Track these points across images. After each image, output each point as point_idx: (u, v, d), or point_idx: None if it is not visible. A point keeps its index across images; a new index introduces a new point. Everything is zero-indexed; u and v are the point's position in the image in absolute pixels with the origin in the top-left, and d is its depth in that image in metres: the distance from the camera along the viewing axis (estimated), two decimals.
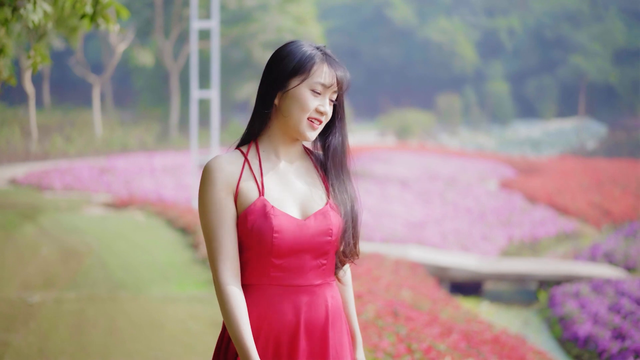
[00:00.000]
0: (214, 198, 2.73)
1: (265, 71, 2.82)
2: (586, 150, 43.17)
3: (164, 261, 11.00)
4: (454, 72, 59.71)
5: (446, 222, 18.20)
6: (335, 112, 2.87)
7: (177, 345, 6.70)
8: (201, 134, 26.58)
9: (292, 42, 2.84)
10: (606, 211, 20.89)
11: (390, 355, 5.22)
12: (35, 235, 12.47)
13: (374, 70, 62.80)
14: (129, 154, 28.67)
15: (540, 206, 21.04)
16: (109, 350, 6.75)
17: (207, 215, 2.73)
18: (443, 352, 5.58)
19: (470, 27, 62.04)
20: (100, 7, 5.30)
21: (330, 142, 2.89)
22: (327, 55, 2.82)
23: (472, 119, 55.08)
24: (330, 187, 2.84)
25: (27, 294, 8.67)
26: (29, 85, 26.56)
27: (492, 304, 12.25)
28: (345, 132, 2.91)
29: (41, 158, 25.85)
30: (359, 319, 6.27)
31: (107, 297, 8.83)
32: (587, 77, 56.55)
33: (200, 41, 29.35)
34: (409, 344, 5.63)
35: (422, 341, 5.79)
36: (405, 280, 10.13)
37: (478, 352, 6.18)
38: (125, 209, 15.99)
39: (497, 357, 6.28)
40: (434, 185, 23.53)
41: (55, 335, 7.19)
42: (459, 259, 13.25)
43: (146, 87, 40.48)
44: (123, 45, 34.81)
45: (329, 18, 59.80)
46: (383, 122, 47.21)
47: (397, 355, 5.24)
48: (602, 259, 14.54)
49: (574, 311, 10.40)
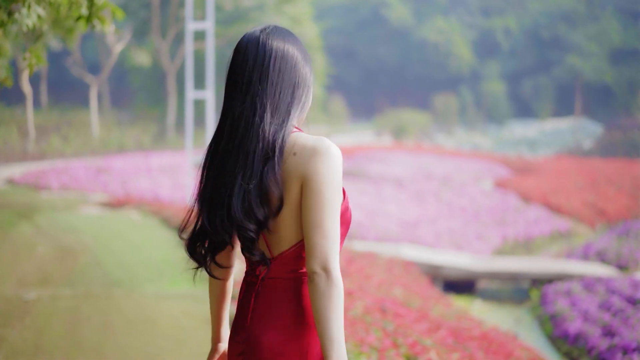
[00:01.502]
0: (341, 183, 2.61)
1: (298, 61, 2.70)
2: (582, 150, 43.26)
3: (159, 259, 11.10)
4: (450, 72, 59.80)
5: (440, 222, 18.30)
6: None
7: (170, 341, 6.81)
8: (197, 134, 26.69)
9: (292, 34, 2.79)
10: (600, 210, 21.02)
11: (376, 349, 5.33)
12: (32, 234, 12.59)
13: (370, 70, 62.89)
14: (125, 154, 28.77)
15: (535, 206, 21.15)
16: (102, 346, 6.86)
17: (337, 199, 2.56)
18: (428, 347, 5.69)
19: (467, 27, 62.14)
20: (95, 9, 5.36)
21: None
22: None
23: (468, 119, 55.18)
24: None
25: (23, 291, 8.77)
26: (26, 85, 26.64)
27: (485, 302, 12.36)
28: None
29: (38, 158, 25.95)
30: (347, 315, 6.38)
31: (101, 294, 8.94)
32: (583, 77, 56.65)
33: (197, 42, 29.46)
34: (395, 338, 5.74)
35: (409, 336, 5.90)
36: (397, 279, 10.24)
37: (464, 348, 6.28)
38: (122, 208, 16.09)
39: (483, 352, 6.38)
40: (429, 185, 23.64)
41: (51, 331, 7.29)
42: (452, 258, 13.35)
43: (143, 88, 40.55)
44: (120, 46, 34.90)
45: (326, 18, 59.85)
46: (379, 122, 47.28)
47: (383, 349, 5.35)
48: (594, 258, 14.65)
49: (565, 309, 10.51)
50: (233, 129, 2.65)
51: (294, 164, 2.57)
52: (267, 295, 2.67)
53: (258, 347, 2.64)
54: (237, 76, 2.69)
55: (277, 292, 2.66)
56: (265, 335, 2.63)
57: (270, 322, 2.64)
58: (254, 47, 2.68)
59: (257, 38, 2.70)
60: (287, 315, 2.63)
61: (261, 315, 2.66)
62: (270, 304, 2.66)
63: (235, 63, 2.70)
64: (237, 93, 2.67)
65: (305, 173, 2.55)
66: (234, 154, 2.63)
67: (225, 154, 2.64)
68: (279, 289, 2.66)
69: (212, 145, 2.71)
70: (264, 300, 2.67)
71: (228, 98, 2.71)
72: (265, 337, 2.63)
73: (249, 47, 2.69)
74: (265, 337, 2.63)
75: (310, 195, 2.54)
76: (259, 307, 2.67)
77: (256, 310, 2.67)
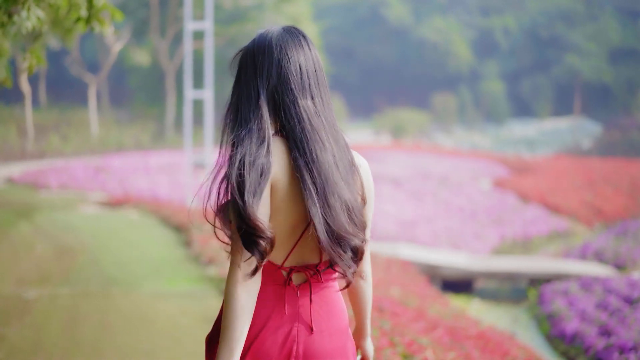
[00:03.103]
0: None
1: (318, 60, 2.76)
2: (581, 149, 43.29)
3: (157, 258, 11.13)
4: (449, 71, 59.83)
5: (438, 221, 18.32)
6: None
7: (167, 340, 6.84)
8: (196, 133, 26.71)
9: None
10: (598, 210, 21.05)
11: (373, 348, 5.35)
12: (31, 233, 12.62)
13: (369, 69, 62.91)
14: (124, 153, 28.80)
15: (533, 205, 21.18)
16: (101, 344, 6.89)
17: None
18: (425, 346, 5.72)
19: (466, 26, 62.15)
20: (94, 11, 5.38)
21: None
22: None
23: (467, 118, 55.20)
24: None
25: (22, 290, 8.81)
26: (25, 84, 26.66)
27: (482, 301, 12.39)
28: None
29: (37, 157, 25.98)
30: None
31: (100, 293, 8.97)
32: (582, 77, 56.69)
33: (196, 41, 29.46)
34: (392, 337, 5.77)
35: (405, 335, 5.92)
36: (395, 278, 10.26)
37: (461, 347, 6.31)
38: (120, 207, 16.12)
39: (480, 351, 6.41)
40: (427, 184, 23.66)
41: (50, 330, 7.33)
42: (450, 258, 13.38)
43: (142, 87, 40.57)
44: (119, 45, 34.92)
45: (325, 17, 59.88)
46: (378, 122, 47.30)
47: (379, 348, 5.37)
48: (592, 258, 14.67)
49: (562, 308, 10.53)
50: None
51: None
52: (322, 300, 2.75)
53: (323, 353, 2.74)
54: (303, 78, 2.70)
55: (329, 297, 2.77)
56: (331, 341, 2.75)
57: (330, 326, 2.75)
58: (295, 51, 2.69)
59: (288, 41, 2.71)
60: (340, 318, 2.79)
61: (321, 321, 2.74)
62: (326, 309, 2.75)
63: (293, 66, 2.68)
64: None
65: (365, 185, 2.75)
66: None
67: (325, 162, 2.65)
68: (330, 294, 2.78)
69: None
70: (319, 306, 2.74)
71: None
72: (331, 343, 2.75)
73: (289, 51, 2.69)
74: (331, 342, 2.75)
75: (369, 205, 2.77)
76: (316, 312, 2.74)
77: (315, 316, 2.73)
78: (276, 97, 2.64)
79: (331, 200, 2.58)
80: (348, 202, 2.62)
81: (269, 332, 2.66)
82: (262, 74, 2.65)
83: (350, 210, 2.62)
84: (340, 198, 2.60)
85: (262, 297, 2.67)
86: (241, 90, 2.67)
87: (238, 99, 2.67)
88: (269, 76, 2.65)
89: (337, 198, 2.59)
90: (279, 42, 2.68)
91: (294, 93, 2.64)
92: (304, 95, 2.65)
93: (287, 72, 2.65)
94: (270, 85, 2.64)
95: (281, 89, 2.64)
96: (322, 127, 2.64)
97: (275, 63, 2.65)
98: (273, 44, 2.67)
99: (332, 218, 2.58)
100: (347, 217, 2.61)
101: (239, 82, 2.70)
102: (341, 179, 2.62)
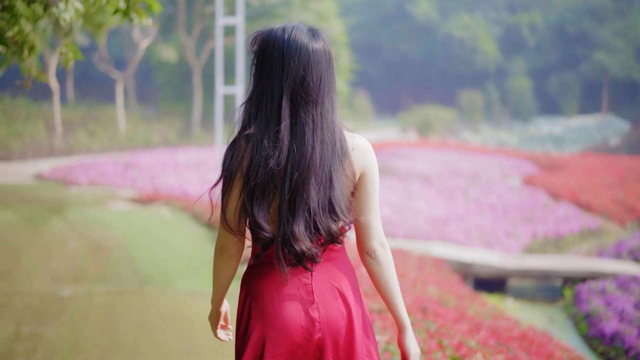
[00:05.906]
0: None
1: (330, 60, 2.83)
2: (609, 146, 42.93)
3: (190, 256, 11.07)
4: (475, 68, 59.55)
5: (469, 219, 18.17)
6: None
7: (206, 339, 6.76)
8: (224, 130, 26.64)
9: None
10: (630, 208, 20.80)
11: (422, 350, 5.25)
12: (63, 229, 12.59)
13: (395, 66, 62.74)
14: (151, 149, 28.82)
15: (564, 203, 20.98)
16: (139, 344, 6.83)
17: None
18: (474, 349, 5.60)
19: (492, 22, 61.84)
20: (132, 2, 5.35)
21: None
22: None
23: (493, 115, 54.92)
24: None
25: (57, 288, 8.76)
26: (53, 80, 26.73)
27: (516, 300, 12.24)
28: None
29: (65, 153, 26.03)
30: (379, 314, 6.31)
31: (135, 291, 8.92)
32: (610, 73, 56.22)
33: (223, 37, 29.43)
34: (440, 340, 5.66)
35: (452, 337, 5.81)
36: (430, 277, 10.15)
37: (507, 349, 6.19)
38: (151, 204, 16.08)
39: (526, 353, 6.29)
40: (456, 181, 23.51)
41: (87, 329, 7.27)
42: (483, 256, 13.23)
43: (169, 83, 40.64)
44: (146, 42, 34.95)
45: (350, 14, 59.77)
46: (404, 119, 47.16)
47: (429, 351, 5.27)
48: (627, 256, 14.48)
49: (599, 308, 10.38)
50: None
51: (354, 159, 2.84)
52: (323, 273, 2.84)
53: (335, 324, 2.80)
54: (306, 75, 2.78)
55: (333, 269, 2.87)
56: (340, 311, 2.82)
57: (335, 297, 2.83)
58: (305, 48, 2.78)
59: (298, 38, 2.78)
60: (347, 287, 2.86)
61: (324, 292, 2.83)
62: (329, 281, 2.84)
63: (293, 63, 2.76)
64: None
65: (363, 166, 2.84)
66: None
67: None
68: (336, 266, 2.87)
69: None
70: (321, 279, 2.84)
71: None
72: (340, 312, 2.82)
73: (301, 49, 2.77)
74: (340, 312, 2.82)
75: (369, 184, 2.85)
76: (318, 284, 2.83)
77: (317, 289, 2.83)
78: (294, 100, 2.75)
79: (298, 210, 2.74)
80: (313, 210, 2.73)
81: (282, 307, 2.81)
82: (287, 77, 2.74)
83: (315, 215, 2.73)
84: (306, 206, 2.73)
85: (267, 273, 2.87)
86: (264, 86, 2.77)
87: (259, 95, 2.78)
88: (295, 80, 2.74)
89: (304, 207, 2.73)
90: (306, 46, 2.76)
91: (308, 100, 2.75)
92: (314, 103, 2.76)
93: (309, 80, 2.75)
94: (292, 89, 2.74)
95: (300, 94, 2.74)
96: (310, 127, 2.75)
97: (302, 68, 2.74)
98: (303, 50, 2.76)
99: (291, 225, 2.74)
100: (304, 226, 2.74)
101: (260, 75, 2.78)
102: (318, 182, 2.73)
